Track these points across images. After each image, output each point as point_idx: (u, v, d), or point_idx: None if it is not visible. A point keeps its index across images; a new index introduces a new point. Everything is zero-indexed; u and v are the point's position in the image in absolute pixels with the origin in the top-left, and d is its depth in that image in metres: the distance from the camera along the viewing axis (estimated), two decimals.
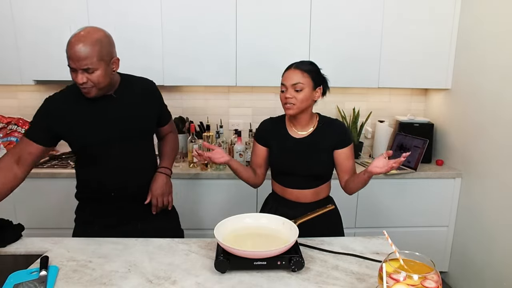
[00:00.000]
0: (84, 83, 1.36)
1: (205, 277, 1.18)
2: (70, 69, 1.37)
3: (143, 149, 1.59)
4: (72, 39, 1.33)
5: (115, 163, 1.51)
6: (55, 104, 1.47)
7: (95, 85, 1.38)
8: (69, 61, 1.34)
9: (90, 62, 1.33)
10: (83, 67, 1.33)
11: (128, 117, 1.51)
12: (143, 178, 1.59)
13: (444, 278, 2.66)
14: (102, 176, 1.51)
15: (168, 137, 1.77)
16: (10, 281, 1.12)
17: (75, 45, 1.32)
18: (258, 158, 1.66)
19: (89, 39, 1.33)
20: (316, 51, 2.50)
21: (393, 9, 2.49)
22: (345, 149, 1.56)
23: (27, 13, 2.38)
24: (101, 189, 1.53)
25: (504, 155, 2.12)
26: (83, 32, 1.34)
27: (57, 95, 1.50)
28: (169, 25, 2.44)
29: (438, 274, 0.91)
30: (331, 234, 1.53)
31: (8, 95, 2.80)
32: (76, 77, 1.36)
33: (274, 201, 1.66)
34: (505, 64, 2.11)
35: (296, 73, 1.47)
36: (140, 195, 1.59)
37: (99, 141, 1.48)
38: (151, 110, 1.61)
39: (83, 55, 1.32)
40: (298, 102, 1.47)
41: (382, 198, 2.52)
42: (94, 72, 1.35)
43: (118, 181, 1.52)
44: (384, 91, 2.92)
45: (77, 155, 1.58)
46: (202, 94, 2.88)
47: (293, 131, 1.58)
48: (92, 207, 1.57)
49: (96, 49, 1.33)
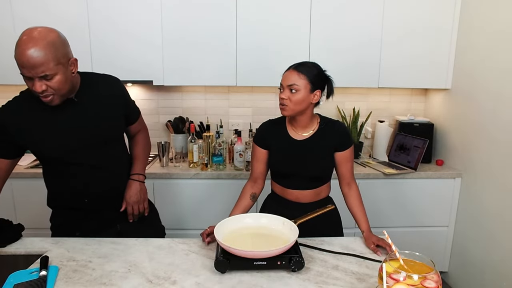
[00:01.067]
0: (44, 91, 1.23)
1: (205, 277, 1.18)
2: (24, 78, 1.23)
3: (112, 152, 1.50)
4: (21, 44, 1.19)
5: (84, 170, 1.42)
6: (9, 115, 1.35)
7: (56, 92, 1.25)
8: (22, 69, 1.20)
9: (47, 68, 1.20)
10: (40, 75, 1.20)
11: (92, 122, 1.40)
12: (115, 182, 1.52)
13: (444, 278, 2.66)
14: (73, 184, 1.44)
15: (138, 137, 1.66)
16: (10, 281, 1.12)
17: (26, 50, 1.17)
18: (259, 163, 1.62)
19: (42, 42, 1.18)
20: (316, 51, 2.50)
21: (393, 9, 2.49)
22: (346, 151, 1.56)
23: (27, 13, 2.38)
24: (73, 198, 1.46)
25: (504, 155, 2.12)
26: (35, 33, 1.20)
27: (11, 104, 1.37)
28: (169, 25, 2.44)
29: (438, 274, 0.91)
30: (331, 234, 1.53)
31: (8, 95, 2.77)
32: (33, 86, 1.22)
33: (274, 201, 1.65)
34: (505, 64, 2.11)
35: (293, 74, 1.44)
36: (116, 198, 1.53)
37: (64, 150, 1.38)
38: (118, 110, 1.49)
39: (38, 61, 1.18)
40: (292, 103, 1.44)
41: (382, 198, 2.52)
42: (53, 78, 1.23)
43: (90, 188, 1.45)
44: (384, 91, 2.92)
45: (44, 164, 1.49)
46: (202, 94, 2.88)
47: (293, 132, 1.56)
48: (66, 215, 1.51)
49: (51, 52, 1.20)
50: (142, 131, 1.68)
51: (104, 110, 1.43)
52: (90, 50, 2.42)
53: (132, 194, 1.53)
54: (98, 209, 1.50)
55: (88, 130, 1.40)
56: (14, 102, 1.39)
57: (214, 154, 2.47)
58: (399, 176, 2.50)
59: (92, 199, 1.47)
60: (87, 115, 1.39)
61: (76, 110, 1.38)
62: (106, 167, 1.46)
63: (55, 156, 1.39)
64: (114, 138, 1.50)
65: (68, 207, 1.49)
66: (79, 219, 1.49)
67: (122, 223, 1.56)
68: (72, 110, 1.37)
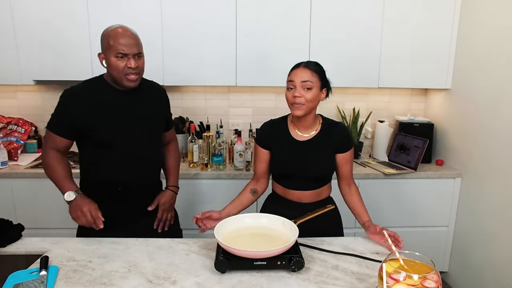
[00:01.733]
0: (136, 67, 1.45)
1: (205, 277, 1.18)
2: (116, 58, 1.43)
3: (152, 149, 1.63)
4: (119, 29, 1.44)
5: (125, 159, 1.54)
6: (72, 98, 1.49)
7: (140, 72, 1.49)
8: (120, 47, 1.42)
9: (140, 48, 1.48)
10: (135, 52, 1.45)
11: (145, 116, 1.56)
12: (148, 177, 1.64)
13: (444, 278, 2.66)
14: (112, 171, 1.54)
15: (171, 147, 1.81)
16: (10, 281, 1.12)
17: (126, 32, 1.45)
18: (261, 163, 1.62)
19: (132, 30, 1.48)
20: (316, 51, 2.50)
21: (393, 9, 2.49)
22: (347, 153, 1.56)
23: (27, 13, 2.38)
24: (108, 185, 1.55)
25: (504, 155, 2.12)
26: (124, 27, 1.47)
27: (74, 89, 1.52)
28: (169, 25, 2.44)
29: (438, 274, 0.91)
30: (331, 234, 1.53)
31: (8, 95, 2.80)
32: (128, 62, 1.44)
33: (274, 202, 1.65)
34: (505, 64, 2.11)
35: (305, 72, 1.43)
36: (144, 193, 1.63)
37: (115, 137, 1.51)
38: (163, 113, 1.68)
39: (135, 42, 1.45)
40: (307, 101, 1.43)
41: (382, 198, 2.52)
42: (141, 58, 1.49)
43: (127, 177, 1.55)
44: (384, 91, 2.92)
45: (88, 150, 1.56)
46: (202, 94, 2.88)
47: (295, 133, 1.55)
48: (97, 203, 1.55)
49: (139, 38, 1.49)
50: (174, 141, 1.84)
51: (154, 109, 1.61)
52: (89, 47, 2.42)
53: (166, 201, 1.69)
54: (127, 200, 1.58)
55: (140, 123, 1.55)
56: (77, 87, 1.53)
57: (214, 154, 2.47)
58: (399, 176, 2.50)
59: (125, 188, 1.56)
60: (141, 109, 1.56)
61: (132, 102, 1.54)
62: (144, 161, 1.59)
63: (106, 141, 1.51)
64: (157, 135, 1.66)
65: (102, 193, 1.55)
66: (108, 208, 1.53)
67: (145, 220, 1.64)
68: (129, 102, 1.54)
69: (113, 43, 1.42)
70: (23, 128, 2.67)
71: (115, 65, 1.44)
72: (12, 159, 2.53)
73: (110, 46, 1.43)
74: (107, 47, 1.44)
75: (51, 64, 2.44)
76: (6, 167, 2.42)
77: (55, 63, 2.43)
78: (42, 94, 2.80)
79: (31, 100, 2.80)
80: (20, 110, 2.81)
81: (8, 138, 2.59)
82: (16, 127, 2.66)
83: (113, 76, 1.48)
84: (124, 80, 1.46)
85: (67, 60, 2.43)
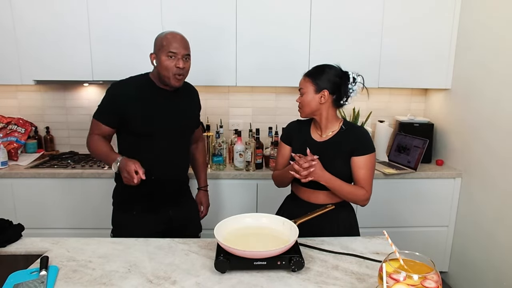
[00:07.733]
0: (184, 68, 1.58)
1: (205, 277, 1.18)
2: (166, 58, 1.56)
3: (185, 144, 1.80)
4: (173, 33, 1.59)
5: (162, 150, 1.66)
6: (122, 88, 1.63)
7: (185, 74, 1.63)
8: (173, 48, 1.55)
9: (189, 51, 1.62)
10: (184, 53, 1.58)
11: (184, 112, 1.73)
12: (180, 167, 1.77)
13: (444, 278, 2.66)
14: (148, 160, 1.61)
15: (200, 145, 1.98)
16: (10, 281, 1.12)
17: (178, 35, 1.59)
18: (283, 159, 1.69)
19: (183, 35, 1.62)
20: (316, 51, 2.50)
21: (393, 9, 2.49)
22: (362, 157, 1.52)
23: (27, 13, 2.38)
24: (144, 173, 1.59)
25: (504, 155, 2.12)
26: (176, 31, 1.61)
27: (124, 81, 1.66)
28: (169, 25, 2.43)
29: (438, 274, 0.91)
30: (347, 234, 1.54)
31: (8, 95, 2.80)
32: (177, 63, 1.56)
33: (291, 202, 1.68)
34: (505, 64, 2.11)
35: (301, 80, 1.57)
36: (174, 183, 1.75)
37: (157, 128, 1.64)
38: (196, 112, 1.86)
39: (185, 44, 1.60)
40: (302, 106, 1.56)
41: (382, 198, 2.52)
42: (188, 61, 1.62)
43: (161, 166, 1.66)
44: (384, 91, 2.92)
45: (128, 140, 1.68)
46: (202, 94, 2.85)
47: (315, 134, 1.61)
48: (130, 191, 1.63)
49: (188, 42, 1.63)
50: (202, 140, 2.01)
51: (190, 107, 1.79)
52: (90, 49, 2.42)
53: (207, 201, 1.98)
54: (156, 191, 1.69)
55: (178, 119, 1.69)
56: (124, 80, 1.67)
57: (214, 154, 2.47)
58: (399, 176, 2.50)
59: (158, 178, 1.66)
60: (182, 105, 1.72)
61: (175, 98, 1.68)
62: (178, 154, 1.74)
63: (148, 132, 1.64)
64: (191, 132, 1.83)
65: None
66: (142, 195, 1.67)
67: (173, 210, 1.75)
68: (172, 98, 1.68)
69: (165, 44, 1.56)
70: (23, 128, 2.67)
71: (165, 64, 1.57)
72: (12, 159, 2.53)
73: (163, 46, 1.56)
74: (160, 47, 1.58)
75: (51, 64, 2.44)
76: (6, 167, 2.43)
77: (55, 63, 2.43)
78: (42, 94, 2.80)
79: (31, 100, 2.80)
80: (20, 110, 2.81)
81: (8, 138, 2.59)
82: (16, 127, 2.66)
83: (161, 74, 1.60)
84: (172, 79, 1.59)
85: (67, 60, 2.43)
